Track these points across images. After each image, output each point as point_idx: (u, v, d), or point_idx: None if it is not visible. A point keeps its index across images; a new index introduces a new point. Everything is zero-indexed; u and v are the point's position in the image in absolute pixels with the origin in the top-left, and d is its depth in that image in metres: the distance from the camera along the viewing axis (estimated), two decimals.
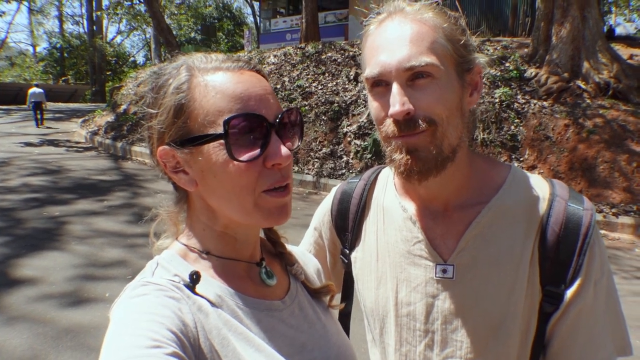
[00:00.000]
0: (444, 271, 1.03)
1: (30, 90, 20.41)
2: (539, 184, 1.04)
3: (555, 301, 0.96)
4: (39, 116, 20.03)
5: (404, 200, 1.12)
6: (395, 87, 0.93)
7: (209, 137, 0.79)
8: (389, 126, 0.96)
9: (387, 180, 1.19)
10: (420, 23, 0.96)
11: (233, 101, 0.79)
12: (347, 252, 1.23)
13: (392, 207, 1.13)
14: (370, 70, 0.97)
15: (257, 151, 0.79)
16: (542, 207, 1.00)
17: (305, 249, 1.32)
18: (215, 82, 0.81)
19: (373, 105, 1.01)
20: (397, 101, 0.92)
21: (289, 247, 1.07)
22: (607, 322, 0.97)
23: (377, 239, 1.15)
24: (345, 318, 1.31)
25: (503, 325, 0.99)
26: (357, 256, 1.21)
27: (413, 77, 0.93)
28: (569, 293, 0.95)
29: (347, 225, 1.23)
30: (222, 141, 0.78)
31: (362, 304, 1.21)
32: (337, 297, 1.18)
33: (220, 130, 0.78)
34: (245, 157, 0.78)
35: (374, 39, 0.99)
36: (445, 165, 0.97)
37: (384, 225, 1.15)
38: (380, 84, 0.97)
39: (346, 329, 1.30)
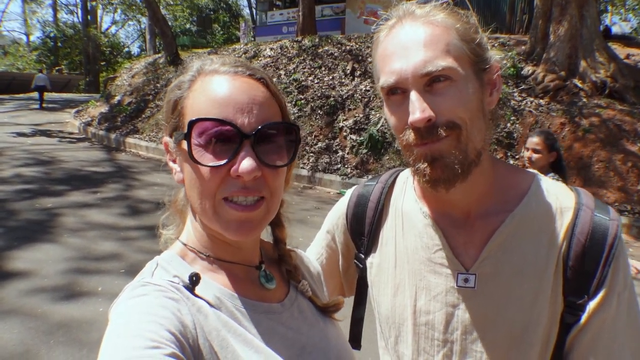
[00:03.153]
0: (466, 280, 1.01)
1: (36, 76, 23.93)
2: (564, 193, 1.02)
3: (577, 312, 0.94)
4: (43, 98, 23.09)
5: (424, 205, 1.09)
6: (414, 94, 0.90)
7: (180, 135, 0.82)
8: (409, 135, 0.93)
9: (406, 184, 1.16)
10: (433, 25, 0.93)
11: (212, 105, 0.79)
12: (362, 257, 1.20)
13: (411, 213, 1.11)
14: (385, 79, 0.94)
15: (224, 160, 0.78)
16: (568, 216, 0.98)
17: (317, 251, 1.30)
18: (208, 84, 0.82)
19: (390, 115, 0.98)
20: (417, 108, 0.89)
21: (295, 255, 1.05)
22: (628, 335, 0.95)
23: (396, 245, 1.12)
24: (358, 323, 1.29)
25: (525, 336, 0.97)
26: (373, 262, 1.17)
27: (430, 81, 0.90)
28: (592, 304, 0.93)
29: (364, 229, 1.20)
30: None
31: (376, 311, 1.18)
32: (349, 301, 1.17)
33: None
34: (208, 162, 0.78)
35: (385, 47, 0.96)
36: (470, 169, 0.95)
37: (402, 230, 1.12)
38: (397, 92, 0.94)
39: (359, 334, 1.29)
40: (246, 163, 0.77)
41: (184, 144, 0.80)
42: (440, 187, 0.95)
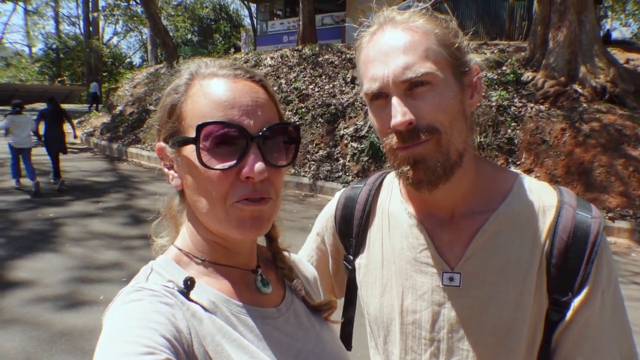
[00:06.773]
0: (451, 279, 1.02)
1: (92, 84, 29.24)
2: (547, 192, 1.03)
3: (561, 310, 0.95)
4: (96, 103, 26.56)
5: (410, 206, 1.10)
6: (395, 99, 0.93)
7: (185, 140, 0.80)
8: (392, 138, 0.96)
9: (392, 186, 1.18)
10: (412, 31, 0.95)
11: (216, 108, 0.79)
12: (351, 258, 1.21)
13: (397, 213, 1.12)
14: (368, 85, 0.97)
15: (233, 162, 0.78)
16: (550, 214, 0.99)
17: (307, 254, 1.30)
18: (207, 87, 0.82)
19: (375, 119, 1.00)
20: (399, 112, 0.91)
21: (289, 257, 1.05)
22: (614, 331, 0.96)
23: (383, 246, 1.14)
24: (348, 324, 1.29)
25: (511, 334, 0.98)
26: (361, 262, 1.19)
27: (411, 86, 0.92)
28: (576, 302, 0.94)
29: (352, 231, 1.21)
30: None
31: (365, 311, 1.19)
32: (340, 303, 1.17)
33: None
34: (217, 165, 0.78)
35: (367, 53, 0.99)
36: (453, 171, 0.97)
37: (389, 231, 1.13)
38: (380, 97, 0.96)
39: (349, 335, 1.29)
40: (257, 164, 0.77)
41: (186, 149, 0.81)
42: (424, 189, 0.97)
